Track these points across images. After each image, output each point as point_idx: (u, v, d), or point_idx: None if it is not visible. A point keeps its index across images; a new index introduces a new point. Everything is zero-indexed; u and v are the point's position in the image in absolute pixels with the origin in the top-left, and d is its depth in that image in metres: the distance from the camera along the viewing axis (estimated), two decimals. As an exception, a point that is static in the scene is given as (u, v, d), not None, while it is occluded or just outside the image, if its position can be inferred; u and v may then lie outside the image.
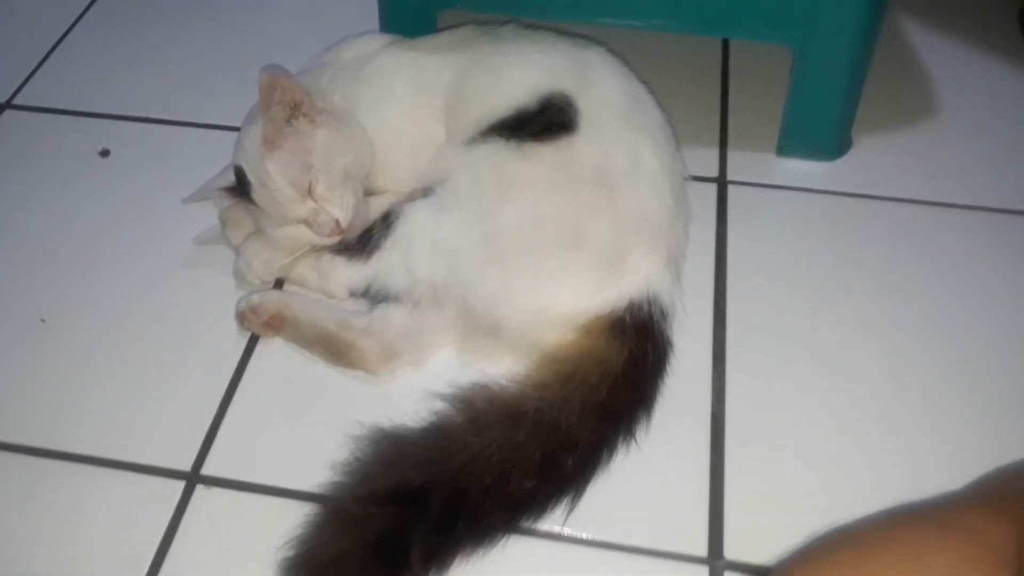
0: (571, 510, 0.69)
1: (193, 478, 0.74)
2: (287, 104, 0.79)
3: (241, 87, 1.06)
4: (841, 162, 0.98)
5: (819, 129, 0.96)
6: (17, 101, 1.08)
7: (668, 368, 0.77)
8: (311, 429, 0.76)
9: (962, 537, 0.48)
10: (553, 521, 0.70)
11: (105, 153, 1.01)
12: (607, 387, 0.71)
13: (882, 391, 0.78)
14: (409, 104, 0.86)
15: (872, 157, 0.98)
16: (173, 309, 0.86)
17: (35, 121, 1.06)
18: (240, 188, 0.83)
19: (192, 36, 1.17)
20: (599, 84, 0.84)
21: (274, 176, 0.79)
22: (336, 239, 0.81)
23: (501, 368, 0.75)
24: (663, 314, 0.76)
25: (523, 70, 0.84)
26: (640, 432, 0.73)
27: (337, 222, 0.80)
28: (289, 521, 0.67)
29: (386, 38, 0.92)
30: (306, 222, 0.81)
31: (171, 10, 1.20)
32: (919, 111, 1.03)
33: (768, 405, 0.77)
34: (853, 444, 0.75)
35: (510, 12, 0.93)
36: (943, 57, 1.09)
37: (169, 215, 0.92)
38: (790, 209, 0.95)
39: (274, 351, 0.82)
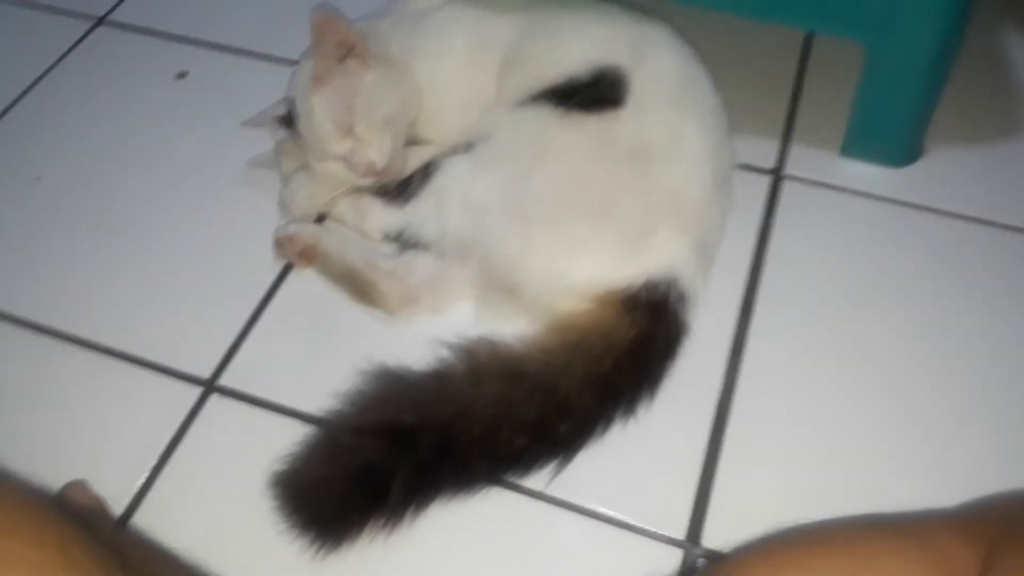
0: (557, 473, 0.70)
1: (210, 386, 0.78)
2: (338, 44, 0.81)
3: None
4: (908, 170, 0.94)
5: (887, 133, 0.92)
6: (112, 17, 1.14)
7: (680, 351, 0.76)
8: (325, 358, 0.79)
9: (923, 551, 0.46)
10: (537, 481, 0.71)
11: (182, 75, 1.06)
12: (611, 360, 0.71)
13: (899, 413, 0.75)
14: (464, 59, 0.87)
15: (942, 169, 0.94)
16: (218, 225, 0.90)
17: (124, 39, 1.12)
18: (291, 120, 0.86)
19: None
20: (655, 62, 0.83)
21: (317, 111, 0.82)
22: (372, 180, 0.83)
23: (513, 328, 0.76)
24: (681, 297, 0.75)
25: (581, 40, 0.83)
26: (641, 410, 0.73)
27: (373, 164, 0.82)
28: (289, 439, 0.71)
29: None
30: (343, 159, 0.83)
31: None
32: (1002, 126, 0.98)
33: (776, 405, 0.76)
34: (855, 457, 0.73)
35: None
36: (1039, 75, 1.03)
37: (230, 139, 0.96)
38: (844, 213, 0.91)
39: (304, 282, 0.85)
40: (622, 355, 0.71)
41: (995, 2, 1.09)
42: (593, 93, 0.80)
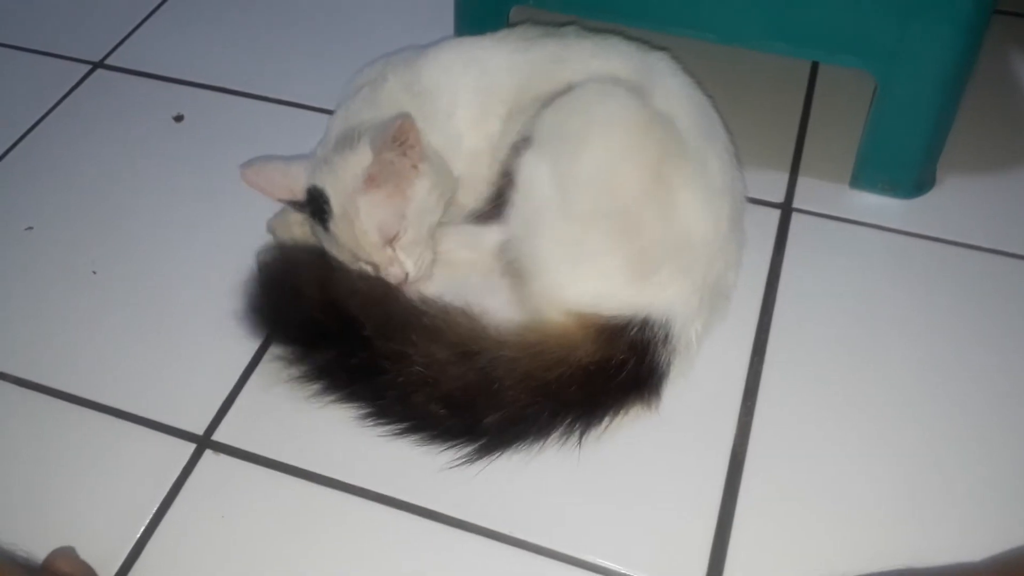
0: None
1: (204, 442, 0.75)
2: (405, 149, 0.77)
3: (316, 67, 1.10)
4: (919, 201, 0.92)
5: (897, 164, 0.90)
6: (110, 61, 1.13)
7: (658, 389, 0.73)
8: (323, 412, 0.75)
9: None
10: (542, 536, 0.68)
11: (179, 118, 1.05)
12: (559, 372, 0.70)
13: (918, 454, 0.73)
14: (476, 112, 0.83)
15: (954, 199, 0.92)
16: (214, 276, 0.87)
17: (121, 82, 1.11)
18: (312, 208, 0.80)
19: (278, 13, 1.20)
20: (665, 91, 0.81)
21: (363, 216, 0.76)
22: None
23: (498, 308, 0.76)
24: (666, 339, 0.73)
25: (583, 78, 0.81)
26: (590, 433, 0.71)
27: (407, 276, 0.78)
28: (288, 498, 0.69)
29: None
30: (375, 265, 0.78)
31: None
32: (1014, 153, 0.96)
33: (794, 451, 0.73)
34: (875, 504, 0.70)
35: (587, 15, 0.91)
36: (1052, 100, 1.01)
37: (228, 184, 0.94)
38: (855, 246, 0.89)
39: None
40: (575, 372, 0.70)
41: (1003, 28, 1.07)
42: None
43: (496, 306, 0.76)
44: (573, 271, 0.74)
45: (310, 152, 0.86)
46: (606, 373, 0.70)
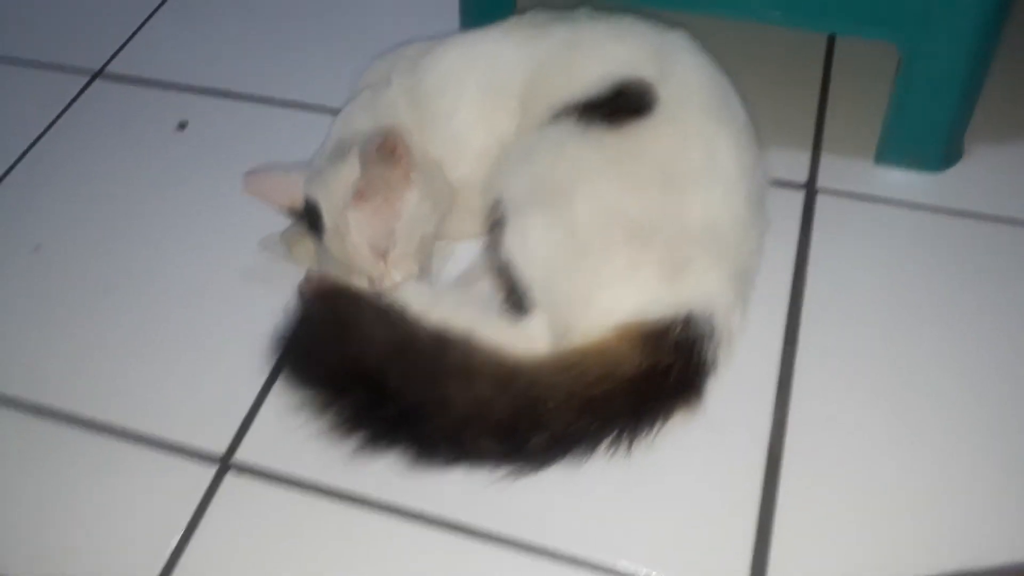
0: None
1: (225, 464, 0.73)
2: (393, 161, 0.76)
3: (322, 65, 1.07)
4: (948, 174, 0.89)
5: (925, 137, 0.87)
6: (109, 70, 1.11)
7: (704, 389, 0.70)
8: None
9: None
10: (571, 543, 0.66)
11: (183, 125, 1.02)
12: (604, 387, 0.67)
13: (963, 439, 0.70)
14: (481, 108, 0.81)
15: (984, 170, 0.88)
16: (226, 289, 0.85)
17: (122, 91, 1.08)
18: (309, 219, 0.80)
19: (280, 10, 1.17)
20: (681, 75, 0.78)
21: (354, 231, 0.76)
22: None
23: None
24: (712, 334, 0.70)
25: (601, 59, 0.78)
26: (637, 442, 0.68)
27: (398, 285, 0.77)
28: (315, 517, 0.68)
29: (422, 45, 0.87)
30: (366, 274, 0.78)
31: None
32: (1047, 121, 0.92)
33: (832, 444, 0.71)
34: (918, 495, 0.67)
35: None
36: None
37: (237, 191, 0.92)
38: (884, 224, 0.86)
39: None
40: (621, 384, 0.67)
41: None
42: (618, 104, 0.75)
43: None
44: (611, 294, 0.70)
45: (313, 156, 0.84)
46: (653, 381, 0.68)
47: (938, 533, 0.65)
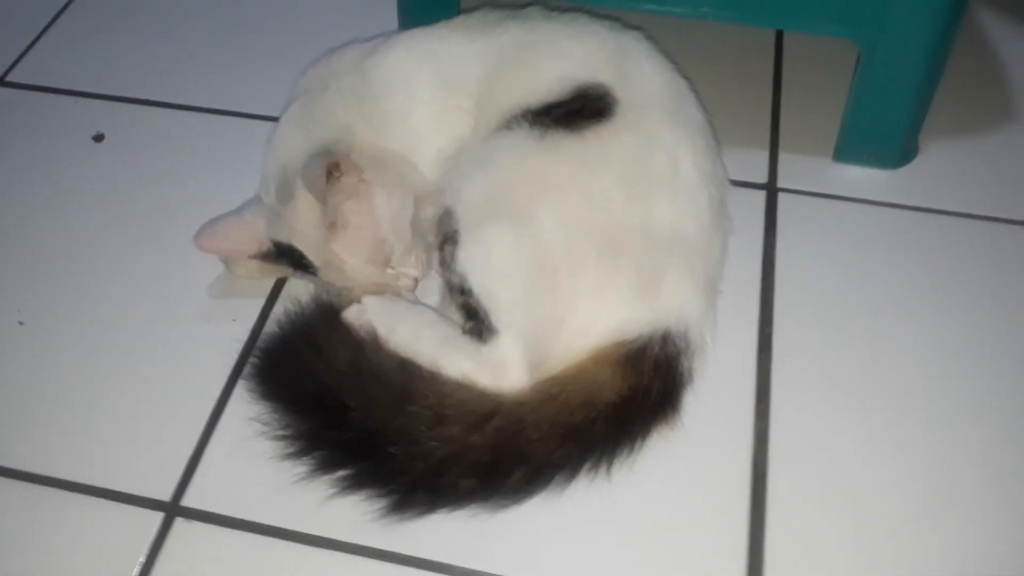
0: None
1: (172, 510, 0.66)
2: (345, 178, 0.72)
3: (248, 70, 1.00)
4: (905, 171, 0.88)
5: (883, 134, 0.86)
6: (10, 78, 1.01)
7: (680, 402, 0.68)
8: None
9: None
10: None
11: (99, 138, 0.94)
12: (585, 415, 0.64)
13: (942, 437, 0.69)
14: (434, 108, 0.76)
15: (941, 166, 0.88)
16: (158, 322, 0.78)
17: (27, 100, 0.99)
18: (290, 261, 0.75)
19: (194, 15, 1.09)
20: (639, 77, 0.75)
21: (347, 258, 0.73)
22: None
23: None
24: (687, 348, 0.68)
25: (556, 62, 0.74)
26: (616, 465, 0.66)
27: (416, 280, 0.76)
28: (269, 560, 0.62)
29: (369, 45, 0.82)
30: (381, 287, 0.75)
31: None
32: (996, 115, 0.93)
33: (816, 453, 0.68)
34: (904, 499, 0.66)
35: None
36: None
37: (164, 208, 0.85)
38: (847, 222, 0.85)
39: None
40: (602, 411, 0.64)
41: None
42: (577, 109, 0.71)
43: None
44: (584, 315, 0.66)
45: (258, 189, 0.78)
46: (633, 404, 0.65)
47: (936, 534, 0.64)
